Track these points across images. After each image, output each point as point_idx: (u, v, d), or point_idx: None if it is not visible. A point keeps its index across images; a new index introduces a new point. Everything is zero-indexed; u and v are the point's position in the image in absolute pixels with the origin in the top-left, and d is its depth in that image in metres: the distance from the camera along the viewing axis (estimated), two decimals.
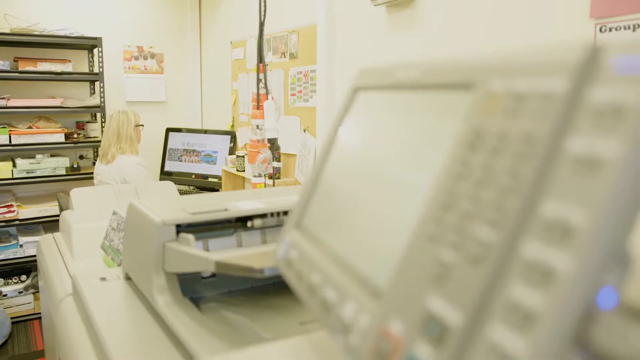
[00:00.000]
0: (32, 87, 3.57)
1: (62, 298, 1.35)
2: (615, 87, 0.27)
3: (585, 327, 0.25)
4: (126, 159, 3.04)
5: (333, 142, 0.58)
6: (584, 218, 0.25)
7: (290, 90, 2.94)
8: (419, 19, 1.96)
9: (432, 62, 0.44)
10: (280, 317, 0.97)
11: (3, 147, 3.31)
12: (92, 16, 3.71)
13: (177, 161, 3.81)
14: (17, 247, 3.40)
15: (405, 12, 2.01)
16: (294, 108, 2.91)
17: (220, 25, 3.85)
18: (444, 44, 1.85)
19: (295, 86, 2.89)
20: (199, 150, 3.74)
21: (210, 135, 3.72)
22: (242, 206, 1.15)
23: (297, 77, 2.87)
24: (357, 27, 2.32)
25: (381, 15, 2.14)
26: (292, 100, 2.92)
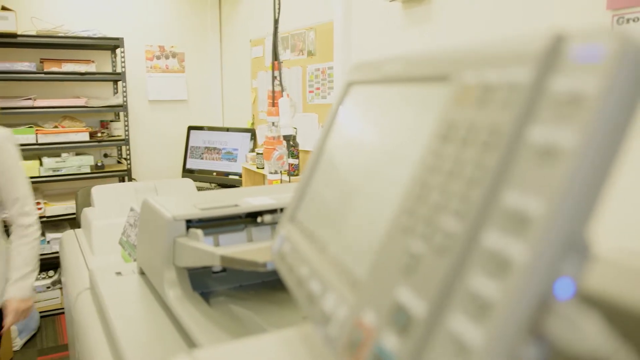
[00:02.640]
0: (57, 88, 3.65)
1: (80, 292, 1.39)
2: (574, 76, 0.27)
3: (541, 318, 0.25)
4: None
5: (327, 138, 0.59)
6: (539, 208, 0.25)
7: (309, 87, 2.95)
8: (434, 14, 1.95)
9: (414, 56, 0.44)
10: (285, 311, 0.98)
11: (30, 146, 3.40)
12: (115, 17, 3.77)
13: (198, 159, 3.86)
14: (45, 243, 3.49)
15: (421, 7, 2.00)
16: (312, 105, 2.92)
17: (240, 23, 3.87)
18: (460, 39, 1.83)
19: (313, 83, 2.90)
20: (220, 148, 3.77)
21: (230, 132, 3.75)
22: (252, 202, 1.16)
23: (315, 74, 2.87)
24: (374, 23, 2.32)
25: (397, 11, 2.13)
26: (310, 97, 2.93)
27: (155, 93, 4.04)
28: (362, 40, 2.42)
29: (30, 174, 3.42)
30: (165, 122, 4.09)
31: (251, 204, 1.13)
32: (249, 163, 3.42)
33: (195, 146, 3.88)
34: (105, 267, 1.41)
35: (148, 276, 1.21)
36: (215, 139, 3.81)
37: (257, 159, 3.24)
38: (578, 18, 1.49)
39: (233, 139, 3.75)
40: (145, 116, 4.00)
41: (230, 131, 3.79)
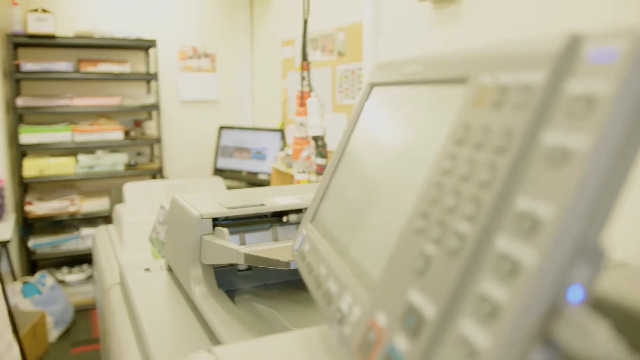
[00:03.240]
0: (92, 87, 3.75)
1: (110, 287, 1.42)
2: (589, 77, 0.26)
3: (551, 323, 0.25)
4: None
5: (349, 139, 0.59)
6: (550, 211, 0.25)
7: (338, 88, 2.95)
8: (465, 14, 1.93)
9: (433, 57, 0.43)
10: (309, 310, 0.99)
11: (66, 144, 3.50)
12: (149, 18, 3.85)
13: (228, 158, 3.90)
14: (79, 238, 3.58)
15: (452, 7, 1.98)
16: (341, 105, 2.92)
17: (271, 24, 3.90)
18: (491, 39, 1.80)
19: (342, 84, 2.90)
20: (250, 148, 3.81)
21: (260, 132, 3.78)
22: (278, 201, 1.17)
23: (345, 75, 2.87)
24: (403, 23, 2.31)
25: (427, 11, 2.12)
26: (340, 98, 2.93)
27: (187, 93, 4.10)
28: (392, 40, 2.41)
29: (67, 171, 3.52)
30: (196, 121, 4.15)
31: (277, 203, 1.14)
32: (278, 163, 3.44)
33: (226, 145, 3.92)
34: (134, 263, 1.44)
35: (175, 273, 1.23)
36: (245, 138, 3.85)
37: (285, 159, 3.26)
38: (615, 17, 1.45)
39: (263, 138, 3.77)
40: (177, 115, 4.07)
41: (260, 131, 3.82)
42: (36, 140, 3.40)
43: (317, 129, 2.05)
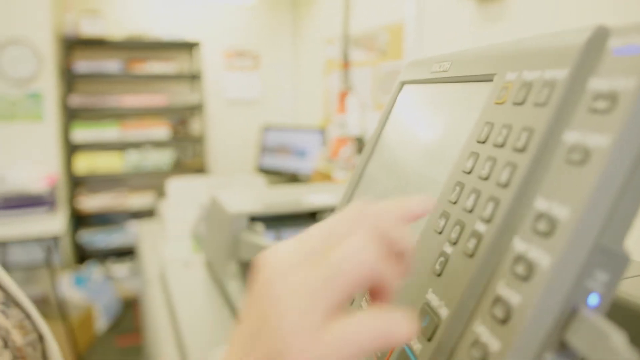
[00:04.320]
0: (140, 85, 3.86)
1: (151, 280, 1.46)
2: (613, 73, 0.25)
3: (565, 328, 0.24)
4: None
5: (379, 136, 0.59)
6: (567, 212, 0.24)
7: (380, 87, 2.93)
8: (510, 11, 1.88)
9: (462, 54, 0.43)
10: None
11: (115, 141, 3.62)
12: (195, 19, 3.93)
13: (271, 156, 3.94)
14: (126, 232, 3.70)
15: (496, 4, 1.93)
16: (382, 104, 2.91)
17: (314, 24, 3.92)
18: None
19: (384, 83, 2.88)
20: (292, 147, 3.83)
21: (303, 131, 3.81)
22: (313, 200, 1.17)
23: (387, 74, 2.85)
24: (446, 22, 2.27)
25: (470, 8, 2.08)
26: (381, 97, 2.91)
27: (231, 92, 4.17)
28: (434, 39, 2.38)
29: (114, 167, 3.64)
30: (240, 120, 4.21)
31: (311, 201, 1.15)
32: (319, 161, 3.46)
33: (269, 144, 3.96)
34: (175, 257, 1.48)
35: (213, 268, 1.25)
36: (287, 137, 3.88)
37: (326, 158, 3.27)
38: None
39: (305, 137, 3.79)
40: (221, 114, 4.14)
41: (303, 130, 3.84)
42: (86, 137, 3.53)
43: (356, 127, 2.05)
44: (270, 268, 0.26)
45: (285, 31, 4.24)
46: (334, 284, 0.24)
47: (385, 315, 0.25)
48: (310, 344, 0.23)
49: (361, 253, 0.25)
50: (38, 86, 3.09)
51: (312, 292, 0.24)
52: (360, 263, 0.25)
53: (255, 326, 0.25)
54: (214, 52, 4.01)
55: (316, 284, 0.24)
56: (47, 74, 3.11)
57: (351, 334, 0.23)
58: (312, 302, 0.24)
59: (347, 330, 0.24)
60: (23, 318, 0.48)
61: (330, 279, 0.24)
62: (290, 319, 0.24)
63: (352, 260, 0.25)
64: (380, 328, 0.24)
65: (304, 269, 0.25)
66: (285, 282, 0.25)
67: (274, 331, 0.24)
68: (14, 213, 2.83)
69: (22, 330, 0.47)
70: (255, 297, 0.26)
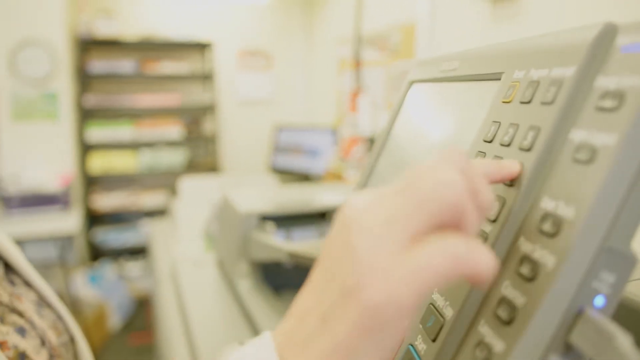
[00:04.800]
0: (153, 85, 3.88)
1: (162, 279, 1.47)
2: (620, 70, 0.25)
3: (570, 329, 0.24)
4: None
5: (388, 134, 0.58)
6: (573, 212, 0.24)
7: (392, 87, 2.92)
8: (523, 11, 1.86)
9: (470, 53, 0.42)
10: None
11: (128, 140, 3.65)
12: (208, 19, 3.95)
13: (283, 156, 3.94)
14: (139, 231, 3.72)
15: (509, 4, 1.92)
16: None
17: (327, 24, 3.92)
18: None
19: (396, 82, 2.87)
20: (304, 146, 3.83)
21: (315, 131, 3.81)
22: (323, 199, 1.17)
23: (399, 74, 2.84)
24: (459, 22, 2.26)
25: (483, 8, 2.06)
26: (394, 97, 2.91)
27: (243, 92, 4.18)
28: (447, 39, 2.36)
29: (128, 166, 3.67)
30: (252, 120, 4.22)
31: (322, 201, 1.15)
32: (331, 161, 3.45)
33: (281, 144, 3.97)
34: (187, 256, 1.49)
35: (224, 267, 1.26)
36: (299, 137, 3.88)
37: (338, 158, 3.27)
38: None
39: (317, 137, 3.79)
40: (234, 114, 4.15)
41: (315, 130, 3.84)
42: (101, 137, 3.56)
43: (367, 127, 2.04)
44: (351, 207, 0.25)
45: (297, 31, 4.24)
46: (417, 211, 0.23)
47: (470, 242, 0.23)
48: (388, 273, 0.22)
49: (447, 184, 0.23)
50: (53, 86, 3.12)
51: (392, 220, 0.23)
52: (444, 192, 0.23)
53: (333, 260, 0.24)
54: (226, 52, 4.02)
55: (398, 212, 0.23)
56: (62, 74, 3.15)
57: (429, 259, 0.22)
58: (391, 230, 0.23)
59: (425, 255, 0.22)
60: (55, 319, 0.49)
61: (415, 206, 0.23)
62: (367, 249, 0.23)
63: (438, 188, 0.23)
64: (460, 252, 0.22)
65: (387, 200, 0.24)
66: (366, 212, 0.24)
67: (349, 263, 0.23)
68: (30, 212, 2.87)
69: (56, 330, 0.47)
70: (334, 235, 0.25)
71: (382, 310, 0.22)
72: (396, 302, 0.22)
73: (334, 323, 0.23)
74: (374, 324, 0.22)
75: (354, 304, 0.22)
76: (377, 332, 0.22)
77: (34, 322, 0.44)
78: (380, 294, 0.22)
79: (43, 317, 0.46)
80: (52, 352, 0.44)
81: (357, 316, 0.22)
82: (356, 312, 0.22)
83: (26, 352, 0.41)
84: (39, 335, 0.44)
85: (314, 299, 0.25)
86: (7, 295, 0.44)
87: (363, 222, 0.24)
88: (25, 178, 2.95)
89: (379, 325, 0.22)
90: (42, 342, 0.44)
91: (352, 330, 0.22)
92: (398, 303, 0.22)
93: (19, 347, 0.40)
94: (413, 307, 0.22)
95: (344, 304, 0.23)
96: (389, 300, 0.22)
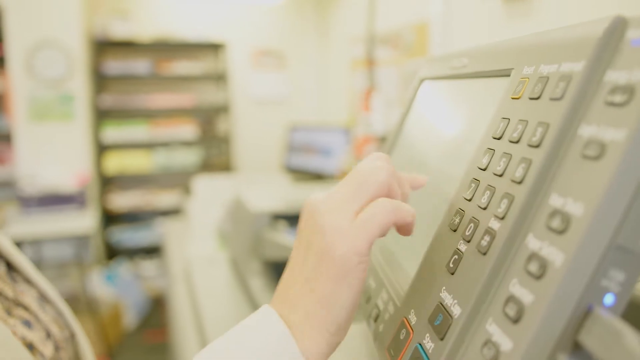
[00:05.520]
0: (168, 85, 3.91)
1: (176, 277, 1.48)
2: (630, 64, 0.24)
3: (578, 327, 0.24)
4: None
5: (399, 131, 0.58)
6: (581, 208, 0.24)
7: (405, 86, 2.91)
8: (536, 9, 1.84)
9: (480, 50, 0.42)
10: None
11: (144, 141, 3.68)
12: (222, 20, 3.96)
13: (297, 155, 3.95)
14: (154, 230, 3.75)
15: (522, 2, 1.90)
16: None
17: (340, 23, 3.91)
18: None
19: (410, 81, 2.86)
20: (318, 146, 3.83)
21: (329, 130, 3.80)
22: None
23: (412, 72, 2.83)
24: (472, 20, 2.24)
25: (496, 6, 2.04)
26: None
27: (257, 91, 4.19)
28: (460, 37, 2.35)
29: (142, 166, 3.71)
30: (266, 119, 4.23)
31: None
32: (344, 160, 3.45)
33: (295, 143, 3.97)
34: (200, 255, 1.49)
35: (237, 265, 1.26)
36: (312, 136, 3.88)
37: (351, 157, 3.26)
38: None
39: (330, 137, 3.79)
40: (247, 113, 4.17)
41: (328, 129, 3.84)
42: (116, 137, 3.59)
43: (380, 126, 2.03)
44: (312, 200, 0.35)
45: (311, 31, 4.24)
46: (359, 191, 0.33)
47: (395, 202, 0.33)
48: (346, 233, 0.31)
49: (377, 168, 0.34)
50: (69, 87, 3.16)
51: (343, 200, 0.33)
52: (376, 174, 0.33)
53: (306, 237, 0.33)
54: (240, 52, 4.03)
55: (347, 195, 0.33)
56: (78, 75, 3.18)
57: (371, 214, 0.32)
58: (344, 206, 0.32)
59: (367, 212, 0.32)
60: (56, 315, 0.50)
61: (357, 186, 0.33)
62: (330, 220, 0.32)
63: (373, 172, 0.34)
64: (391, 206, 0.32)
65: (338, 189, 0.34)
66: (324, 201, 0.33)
67: (319, 234, 0.32)
68: (46, 211, 2.91)
69: (58, 325, 0.48)
70: (304, 221, 0.35)
71: (347, 258, 0.31)
72: (355, 249, 0.31)
73: (315, 281, 0.32)
74: (344, 271, 0.31)
75: (328, 260, 0.31)
76: (347, 277, 0.31)
77: (39, 316, 0.46)
78: (343, 247, 0.31)
79: (45, 312, 0.48)
80: (57, 344, 0.45)
81: (331, 268, 0.31)
82: (330, 265, 0.31)
83: (33, 343, 0.42)
84: (44, 328, 0.45)
85: (298, 268, 0.33)
86: (11, 291, 0.45)
87: (322, 207, 0.33)
88: (42, 178, 2.99)
89: (348, 271, 0.31)
90: (47, 334, 0.45)
91: (329, 281, 0.31)
92: (356, 249, 0.31)
93: (26, 339, 0.42)
94: (367, 250, 0.32)
95: (320, 262, 0.32)
96: (350, 250, 0.31)
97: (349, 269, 0.31)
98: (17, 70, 3.02)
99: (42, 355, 0.42)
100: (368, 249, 0.32)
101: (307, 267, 0.32)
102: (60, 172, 3.08)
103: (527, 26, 1.90)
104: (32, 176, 2.99)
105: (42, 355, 0.42)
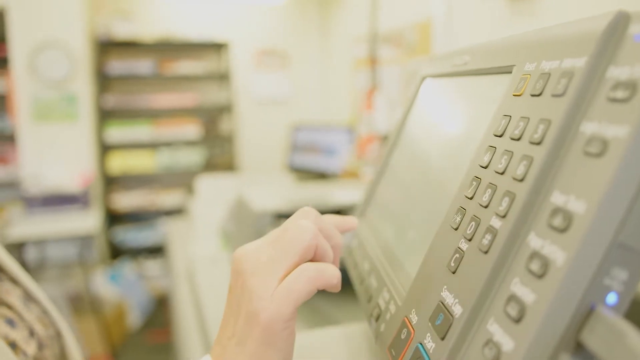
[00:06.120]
0: (171, 85, 3.92)
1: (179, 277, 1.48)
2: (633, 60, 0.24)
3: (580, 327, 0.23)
4: None
5: (401, 129, 0.58)
6: (583, 206, 0.23)
7: (408, 85, 2.90)
8: (540, 7, 1.83)
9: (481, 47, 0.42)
10: None
11: (147, 141, 3.69)
12: (224, 19, 3.96)
13: (300, 155, 3.95)
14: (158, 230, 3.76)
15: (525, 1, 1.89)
16: None
17: (343, 22, 3.91)
18: None
19: (412, 80, 2.85)
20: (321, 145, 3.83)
21: (332, 130, 3.80)
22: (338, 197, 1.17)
23: (415, 71, 2.82)
24: (475, 19, 2.23)
25: (500, 5, 2.03)
26: None
27: (260, 91, 4.19)
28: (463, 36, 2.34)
29: (146, 166, 3.71)
30: (269, 119, 4.23)
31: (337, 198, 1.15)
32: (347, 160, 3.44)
33: (298, 143, 3.97)
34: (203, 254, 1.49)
35: None
36: (316, 136, 3.88)
37: (354, 156, 3.26)
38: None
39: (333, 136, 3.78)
40: (250, 113, 4.17)
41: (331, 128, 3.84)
42: (119, 137, 3.60)
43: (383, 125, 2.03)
44: (241, 255, 0.35)
45: (313, 30, 4.24)
46: (285, 254, 0.34)
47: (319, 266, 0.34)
48: (269, 300, 0.32)
49: (304, 230, 0.35)
50: (73, 87, 3.16)
51: (269, 263, 0.34)
52: (301, 237, 0.34)
53: (236, 298, 0.34)
54: (243, 51, 4.04)
55: (272, 257, 0.34)
56: (81, 76, 3.19)
57: (294, 282, 0.33)
58: (270, 270, 0.33)
59: (290, 281, 0.33)
60: (41, 313, 0.50)
61: (283, 251, 0.34)
62: (256, 285, 0.33)
63: (298, 235, 0.34)
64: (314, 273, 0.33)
65: (264, 250, 0.35)
66: (251, 261, 0.34)
67: (247, 297, 0.33)
68: (50, 211, 2.91)
69: (42, 324, 0.49)
70: (233, 280, 0.35)
71: (273, 324, 0.32)
72: (280, 316, 0.32)
73: (245, 344, 0.33)
74: (271, 335, 0.32)
75: (255, 324, 0.32)
76: (275, 341, 0.32)
77: (22, 315, 0.46)
78: (269, 314, 0.32)
79: (30, 311, 0.48)
80: (40, 342, 0.46)
81: (259, 333, 0.32)
82: (258, 329, 0.32)
83: (16, 342, 0.43)
84: (27, 326, 0.45)
85: (231, 327, 0.34)
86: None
87: (249, 269, 0.34)
88: (46, 178, 3.00)
89: (275, 336, 0.32)
90: (30, 333, 0.45)
91: (258, 345, 0.32)
92: (281, 316, 0.32)
93: (9, 337, 0.43)
94: (292, 315, 0.33)
95: (249, 326, 0.33)
96: (276, 317, 0.32)
97: (274, 333, 0.32)
98: (21, 70, 3.02)
99: (24, 353, 0.43)
100: (293, 314, 0.33)
101: (239, 328, 0.34)
102: (63, 172, 3.09)
103: (529, 25, 1.89)
104: (35, 176, 3.00)
105: (24, 353, 0.43)
